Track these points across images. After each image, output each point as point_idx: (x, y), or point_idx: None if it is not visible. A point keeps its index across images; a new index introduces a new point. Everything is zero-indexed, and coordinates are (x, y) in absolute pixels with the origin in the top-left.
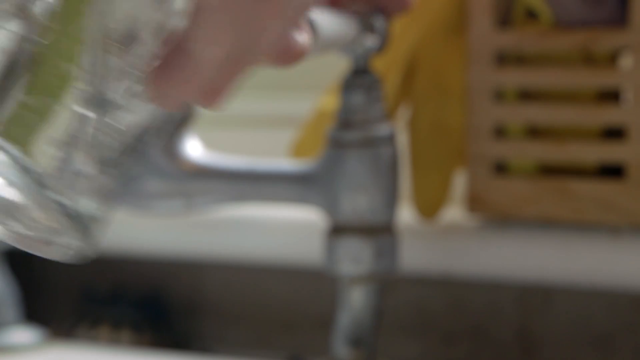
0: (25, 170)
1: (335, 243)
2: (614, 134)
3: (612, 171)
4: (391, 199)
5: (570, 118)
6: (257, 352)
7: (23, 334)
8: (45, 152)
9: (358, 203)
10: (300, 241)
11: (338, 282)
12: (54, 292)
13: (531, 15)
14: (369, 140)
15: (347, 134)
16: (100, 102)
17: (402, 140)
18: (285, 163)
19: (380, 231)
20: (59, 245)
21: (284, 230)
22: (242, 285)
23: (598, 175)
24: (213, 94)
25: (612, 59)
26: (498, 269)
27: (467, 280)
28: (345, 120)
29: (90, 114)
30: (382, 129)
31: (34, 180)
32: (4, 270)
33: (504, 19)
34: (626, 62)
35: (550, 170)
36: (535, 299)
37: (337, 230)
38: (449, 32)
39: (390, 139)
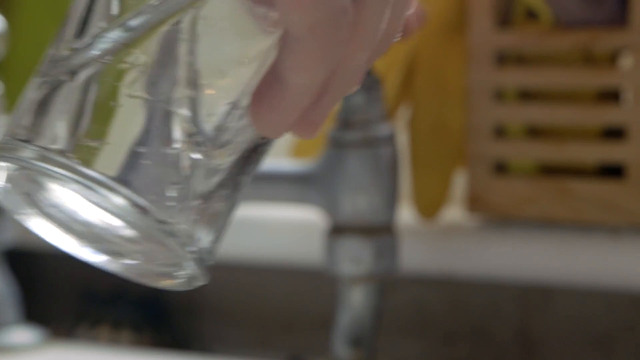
0: (142, 210)
1: (335, 243)
2: (614, 134)
3: (612, 171)
4: (391, 199)
5: (570, 118)
6: (257, 352)
7: (23, 334)
8: (158, 191)
9: (358, 203)
10: (300, 241)
11: (338, 282)
12: (54, 292)
13: (531, 15)
14: (369, 140)
15: (347, 134)
16: (202, 138)
17: (402, 140)
18: (285, 163)
19: (380, 231)
20: (178, 277)
21: (284, 230)
22: (242, 285)
23: (598, 175)
24: (307, 122)
25: (612, 59)
26: (498, 269)
27: (467, 280)
28: (345, 120)
29: (195, 153)
30: (382, 129)
31: (151, 219)
32: (4, 270)
33: (504, 19)
34: (626, 62)
35: (550, 170)
36: (535, 299)
37: (337, 230)
38: (449, 32)
39: (390, 139)
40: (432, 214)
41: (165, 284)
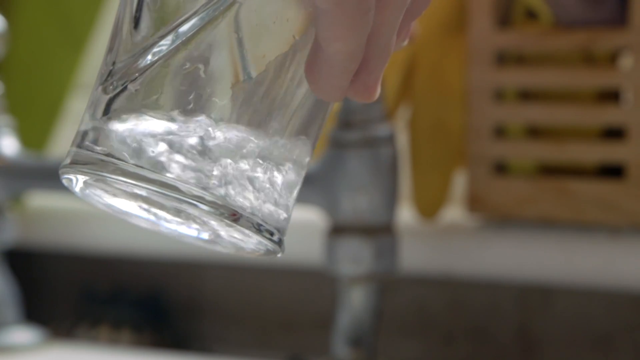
0: (223, 214)
1: (335, 243)
2: (614, 134)
3: (612, 171)
4: (391, 199)
5: (570, 118)
6: (257, 352)
7: (23, 334)
8: (235, 191)
9: (358, 203)
10: (300, 241)
11: (338, 282)
12: (54, 292)
13: (531, 15)
14: (369, 140)
15: (347, 134)
16: (268, 139)
17: (402, 140)
18: None
19: (380, 231)
20: (255, 251)
21: None
22: (242, 285)
23: (598, 175)
24: (362, 86)
25: (612, 59)
26: (498, 269)
27: (467, 280)
28: (345, 120)
29: (264, 150)
30: (382, 129)
31: (231, 220)
32: (4, 270)
33: (504, 19)
34: (626, 62)
35: (550, 170)
36: (535, 299)
37: (337, 230)
38: (449, 32)
39: (390, 139)
40: (432, 214)
41: (243, 255)
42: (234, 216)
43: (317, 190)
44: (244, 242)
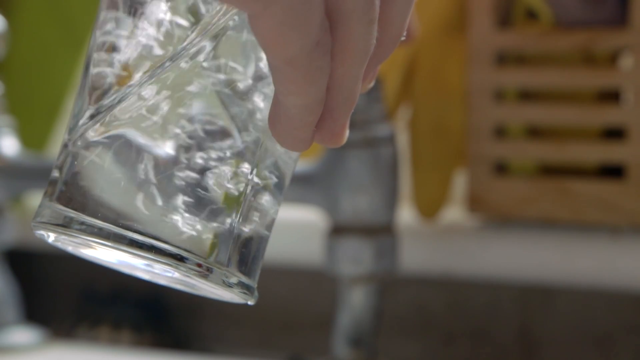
0: (189, 270)
1: (335, 243)
2: (614, 134)
3: (612, 171)
4: (391, 199)
5: (570, 118)
6: (257, 352)
7: (23, 334)
8: (201, 248)
9: (358, 203)
10: (300, 241)
11: (338, 282)
12: (54, 292)
13: (531, 15)
14: (369, 141)
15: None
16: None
17: (402, 140)
18: None
19: (380, 231)
20: (224, 297)
21: (284, 230)
22: None
23: (598, 175)
24: (329, 133)
25: (612, 59)
26: (498, 269)
27: (467, 280)
28: None
29: (234, 212)
30: (382, 129)
31: (199, 275)
32: (4, 270)
33: (504, 19)
34: (626, 62)
35: (550, 171)
36: (535, 299)
37: (337, 230)
38: (449, 32)
39: (390, 139)
40: (432, 214)
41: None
42: (204, 273)
43: (317, 190)
44: (216, 291)
